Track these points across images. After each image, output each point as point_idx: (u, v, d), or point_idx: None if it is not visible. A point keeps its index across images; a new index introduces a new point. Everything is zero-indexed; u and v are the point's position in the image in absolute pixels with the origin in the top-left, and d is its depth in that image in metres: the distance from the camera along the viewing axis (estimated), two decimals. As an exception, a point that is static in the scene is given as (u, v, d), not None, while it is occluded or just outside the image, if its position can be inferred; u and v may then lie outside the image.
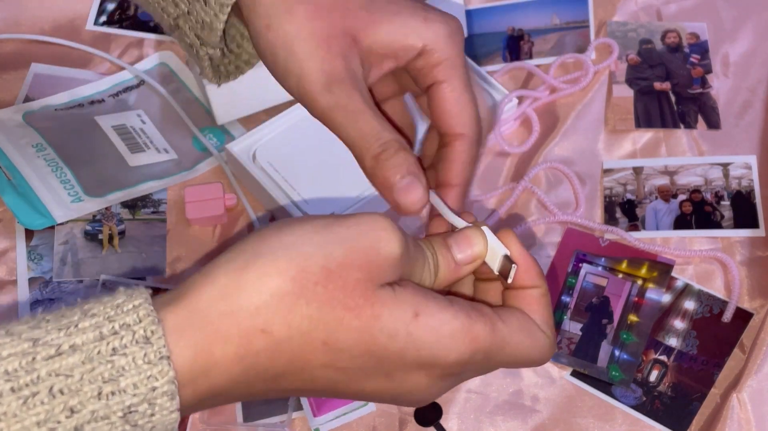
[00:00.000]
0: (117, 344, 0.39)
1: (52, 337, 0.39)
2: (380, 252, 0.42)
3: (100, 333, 0.39)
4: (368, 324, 0.41)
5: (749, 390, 0.65)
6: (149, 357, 0.39)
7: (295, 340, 0.41)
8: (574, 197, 0.76)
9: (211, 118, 0.81)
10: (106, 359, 0.38)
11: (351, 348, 0.42)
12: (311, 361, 0.42)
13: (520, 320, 0.46)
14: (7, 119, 0.82)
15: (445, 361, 0.43)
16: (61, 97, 0.84)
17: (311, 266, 0.41)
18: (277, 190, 0.75)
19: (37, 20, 0.89)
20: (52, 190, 0.77)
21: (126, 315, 0.39)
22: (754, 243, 0.74)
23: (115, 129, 0.81)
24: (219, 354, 0.40)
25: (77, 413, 0.38)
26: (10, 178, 0.77)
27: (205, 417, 0.67)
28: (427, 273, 0.46)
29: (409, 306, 0.42)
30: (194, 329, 0.40)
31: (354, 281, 0.41)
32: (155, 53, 0.87)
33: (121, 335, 0.39)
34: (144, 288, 0.41)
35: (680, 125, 0.80)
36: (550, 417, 0.67)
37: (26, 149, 0.79)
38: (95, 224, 0.77)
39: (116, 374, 0.38)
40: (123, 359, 0.39)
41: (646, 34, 0.86)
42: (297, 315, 0.41)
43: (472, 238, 0.47)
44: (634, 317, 0.70)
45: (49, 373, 0.38)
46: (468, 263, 0.47)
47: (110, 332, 0.39)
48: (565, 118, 0.81)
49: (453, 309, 0.43)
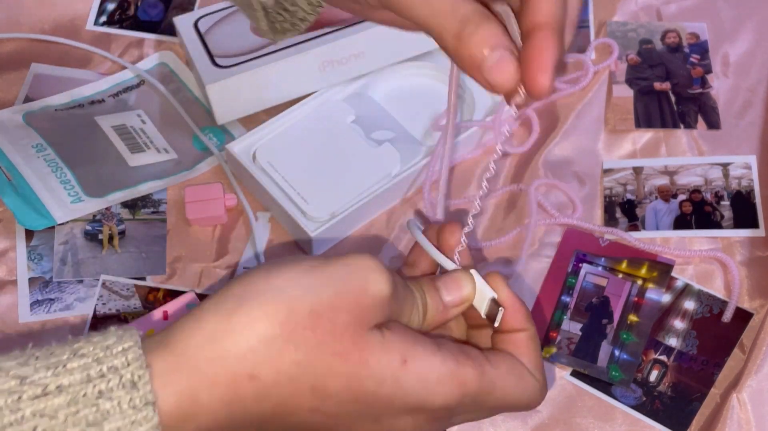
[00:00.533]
0: (103, 387, 0.38)
1: (40, 376, 0.38)
2: (368, 293, 0.42)
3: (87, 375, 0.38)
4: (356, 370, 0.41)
5: (749, 390, 0.65)
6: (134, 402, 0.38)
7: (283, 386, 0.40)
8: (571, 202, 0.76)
9: (211, 117, 0.81)
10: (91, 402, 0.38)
11: (339, 394, 0.41)
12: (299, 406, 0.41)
13: (509, 363, 0.46)
14: (7, 120, 0.82)
15: (432, 406, 0.43)
16: (62, 97, 0.84)
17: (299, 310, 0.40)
18: (277, 190, 0.75)
19: (37, 20, 0.89)
20: (52, 191, 0.77)
21: (115, 358, 0.39)
22: (754, 243, 0.74)
23: (115, 129, 0.81)
24: (206, 398, 0.40)
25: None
26: (11, 178, 0.77)
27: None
28: (415, 314, 0.45)
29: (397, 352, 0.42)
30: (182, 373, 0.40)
31: (343, 325, 0.41)
32: (155, 53, 0.87)
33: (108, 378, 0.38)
34: (135, 330, 0.40)
35: (680, 125, 0.80)
36: (550, 417, 0.67)
37: (26, 149, 0.79)
38: (95, 224, 0.77)
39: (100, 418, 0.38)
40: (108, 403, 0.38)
41: (646, 34, 0.86)
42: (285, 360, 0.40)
43: (460, 281, 0.47)
44: (634, 317, 0.70)
45: (33, 413, 0.37)
46: (456, 306, 0.47)
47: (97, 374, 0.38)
48: (565, 118, 0.81)
49: (441, 353, 0.43)
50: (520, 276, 0.73)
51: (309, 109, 0.80)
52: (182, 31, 0.84)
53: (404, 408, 0.42)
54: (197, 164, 0.80)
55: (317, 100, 0.80)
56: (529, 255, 0.74)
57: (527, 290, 0.72)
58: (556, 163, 0.79)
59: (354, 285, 0.42)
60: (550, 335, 0.70)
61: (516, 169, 0.79)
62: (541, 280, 0.73)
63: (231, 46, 0.81)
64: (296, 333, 0.40)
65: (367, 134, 0.78)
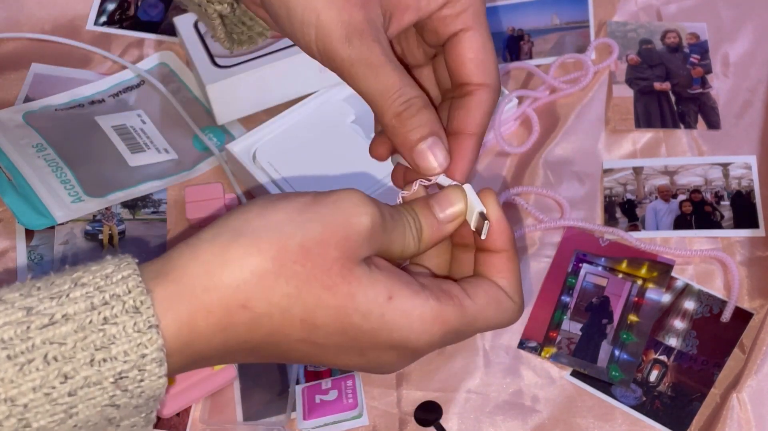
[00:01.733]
0: (108, 314, 0.40)
1: (45, 306, 0.40)
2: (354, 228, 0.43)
3: (91, 303, 0.40)
4: (344, 303, 0.43)
5: (749, 390, 0.65)
6: (139, 325, 0.40)
7: (275, 317, 0.43)
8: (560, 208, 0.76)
9: (211, 117, 0.81)
10: (97, 328, 0.40)
11: (327, 325, 0.43)
12: (289, 336, 0.43)
13: (487, 293, 0.47)
14: (7, 119, 0.82)
15: (416, 344, 0.45)
16: (62, 97, 0.84)
17: (290, 245, 0.42)
18: (277, 190, 0.75)
19: (38, 20, 0.89)
20: (53, 191, 0.77)
21: (116, 286, 0.41)
22: (754, 243, 0.74)
23: (115, 129, 0.81)
24: (202, 325, 0.42)
25: (71, 379, 0.40)
26: (11, 178, 0.77)
27: (205, 417, 0.67)
28: (410, 237, 0.47)
29: (383, 288, 0.44)
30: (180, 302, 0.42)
31: (331, 259, 0.43)
32: (155, 53, 0.87)
33: (111, 305, 0.40)
34: (131, 258, 0.42)
35: (680, 125, 0.80)
36: (550, 417, 0.67)
37: (26, 149, 0.79)
38: (95, 224, 0.77)
39: (108, 342, 0.40)
40: (114, 328, 0.40)
41: (646, 34, 0.86)
42: (276, 293, 0.42)
43: (452, 197, 0.48)
44: (634, 317, 0.70)
45: (43, 341, 0.39)
46: (450, 221, 0.48)
47: (101, 302, 0.40)
48: (565, 118, 0.81)
49: (424, 293, 0.45)
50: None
51: (309, 109, 0.80)
52: (182, 31, 0.84)
53: (389, 343, 0.44)
54: (197, 164, 0.80)
55: (317, 100, 0.80)
56: (529, 255, 0.74)
57: (527, 290, 0.72)
58: (556, 163, 0.79)
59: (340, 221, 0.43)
60: (550, 335, 0.70)
61: (516, 169, 0.79)
62: (541, 280, 0.73)
63: (231, 46, 0.80)
64: (287, 267, 0.42)
65: (367, 134, 0.78)
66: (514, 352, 0.70)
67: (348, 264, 0.43)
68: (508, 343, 0.70)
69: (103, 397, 0.40)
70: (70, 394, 0.40)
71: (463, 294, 0.46)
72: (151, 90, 0.85)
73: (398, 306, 0.44)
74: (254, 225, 0.43)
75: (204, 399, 0.68)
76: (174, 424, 0.67)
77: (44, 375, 0.39)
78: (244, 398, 0.68)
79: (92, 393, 0.40)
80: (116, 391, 0.40)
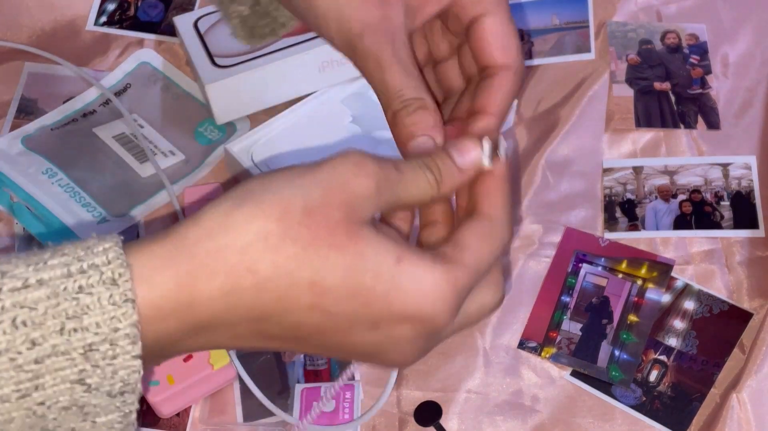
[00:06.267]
0: (84, 282, 0.39)
1: (20, 271, 0.39)
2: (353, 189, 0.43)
3: (68, 270, 0.39)
4: (353, 261, 0.42)
5: (749, 390, 0.65)
6: (114, 298, 0.39)
7: (282, 279, 0.41)
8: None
9: (206, 110, 0.81)
10: (71, 296, 0.39)
11: (338, 287, 0.42)
12: (297, 301, 0.42)
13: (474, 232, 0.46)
14: (7, 147, 0.80)
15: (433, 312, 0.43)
16: (53, 115, 0.83)
17: (293, 207, 0.42)
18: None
19: (38, 20, 0.89)
20: (76, 215, 0.76)
21: (95, 257, 0.40)
22: (754, 243, 0.74)
23: (116, 139, 0.80)
24: (204, 287, 0.41)
25: (38, 345, 0.38)
26: (33, 210, 0.76)
27: (205, 417, 0.67)
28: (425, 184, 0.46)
29: (392, 249, 0.43)
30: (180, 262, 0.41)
31: (335, 220, 0.42)
32: (133, 54, 0.86)
33: (88, 274, 0.39)
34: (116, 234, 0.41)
35: (680, 125, 0.81)
36: (549, 417, 0.67)
37: (38, 177, 0.78)
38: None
39: (80, 311, 0.39)
40: (88, 298, 0.39)
41: (646, 34, 0.86)
42: (282, 254, 0.41)
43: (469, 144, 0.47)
44: (633, 317, 0.70)
45: (13, 304, 0.38)
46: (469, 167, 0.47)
47: (78, 270, 0.39)
48: (565, 117, 0.81)
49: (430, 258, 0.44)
50: (520, 277, 0.73)
51: (308, 109, 0.80)
52: (182, 31, 0.84)
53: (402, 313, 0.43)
54: (205, 159, 0.80)
55: (317, 100, 0.80)
56: (528, 255, 0.74)
57: (527, 290, 0.72)
58: (557, 162, 0.79)
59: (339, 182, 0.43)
60: (550, 335, 0.70)
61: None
62: (541, 280, 0.73)
63: (231, 46, 0.80)
64: (292, 228, 0.41)
65: (365, 134, 0.78)
66: (514, 352, 0.70)
67: (353, 227, 0.42)
68: (508, 343, 0.70)
69: (72, 370, 0.39)
70: (37, 361, 0.39)
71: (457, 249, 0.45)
72: (141, 91, 0.84)
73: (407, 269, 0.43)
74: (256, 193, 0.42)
75: (204, 399, 0.68)
76: (174, 424, 0.67)
77: (11, 339, 0.38)
78: (244, 398, 0.68)
79: (60, 363, 0.39)
80: (86, 364, 0.39)
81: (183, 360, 0.65)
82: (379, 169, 0.44)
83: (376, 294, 0.42)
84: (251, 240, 0.41)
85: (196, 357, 0.66)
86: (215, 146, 0.80)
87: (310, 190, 0.42)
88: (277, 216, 0.41)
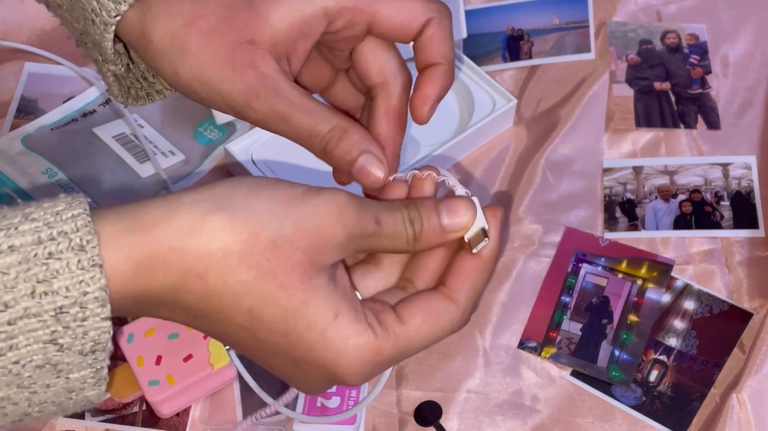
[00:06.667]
0: (53, 249, 0.41)
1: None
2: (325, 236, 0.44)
3: (38, 237, 0.41)
4: (295, 307, 0.44)
5: (749, 390, 0.65)
6: (83, 263, 0.41)
7: (225, 297, 0.43)
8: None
9: (206, 110, 0.81)
10: (41, 261, 0.40)
11: (273, 322, 0.44)
12: (232, 319, 0.44)
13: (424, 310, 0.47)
14: (7, 148, 0.80)
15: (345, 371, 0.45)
16: (53, 115, 0.83)
17: (262, 235, 0.43)
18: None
19: (38, 20, 0.89)
20: None
21: (64, 224, 0.41)
22: (754, 243, 0.74)
23: (116, 139, 0.80)
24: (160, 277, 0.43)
25: (11, 308, 0.40)
26: None
27: (205, 417, 0.67)
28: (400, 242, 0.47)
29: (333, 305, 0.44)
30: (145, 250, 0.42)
31: (295, 261, 0.43)
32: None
33: (58, 241, 0.41)
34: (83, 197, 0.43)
35: (680, 125, 0.81)
36: (549, 416, 0.67)
37: (37, 177, 0.78)
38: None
39: (50, 276, 0.40)
40: (58, 263, 0.41)
41: (646, 34, 0.86)
42: (234, 276, 0.43)
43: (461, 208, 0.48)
44: (633, 317, 0.70)
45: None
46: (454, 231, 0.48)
47: (48, 237, 0.41)
48: (565, 117, 0.81)
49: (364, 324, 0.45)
50: (520, 277, 0.73)
51: (309, 108, 0.80)
52: (182, 31, 0.83)
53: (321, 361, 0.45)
54: (205, 159, 0.80)
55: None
56: (528, 255, 0.74)
57: (527, 290, 0.72)
58: (557, 162, 0.79)
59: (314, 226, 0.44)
60: (550, 335, 0.70)
61: (515, 169, 0.79)
62: (541, 280, 0.73)
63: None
64: (252, 255, 0.43)
65: (366, 134, 0.78)
66: (514, 352, 0.70)
67: (309, 271, 0.44)
68: (508, 343, 0.70)
69: (44, 331, 0.41)
70: (10, 323, 0.40)
71: (397, 322, 0.47)
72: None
73: (340, 326, 0.44)
74: (236, 203, 0.43)
75: (204, 399, 0.68)
76: (174, 424, 0.67)
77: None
78: (244, 398, 0.68)
79: (32, 324, 0.40)
80: (57, 326, 0.41)
81: (183, 360, 0.65)
82: (357, 220, 0.45)
83: (304, 340, 0.44)
84: (212, 251, 0.43)
85: (196, 357, 0.65)
86: (215, 146, 0.81)
87: (285, 224, 0.43)
88: (243, 239, 0.43)
